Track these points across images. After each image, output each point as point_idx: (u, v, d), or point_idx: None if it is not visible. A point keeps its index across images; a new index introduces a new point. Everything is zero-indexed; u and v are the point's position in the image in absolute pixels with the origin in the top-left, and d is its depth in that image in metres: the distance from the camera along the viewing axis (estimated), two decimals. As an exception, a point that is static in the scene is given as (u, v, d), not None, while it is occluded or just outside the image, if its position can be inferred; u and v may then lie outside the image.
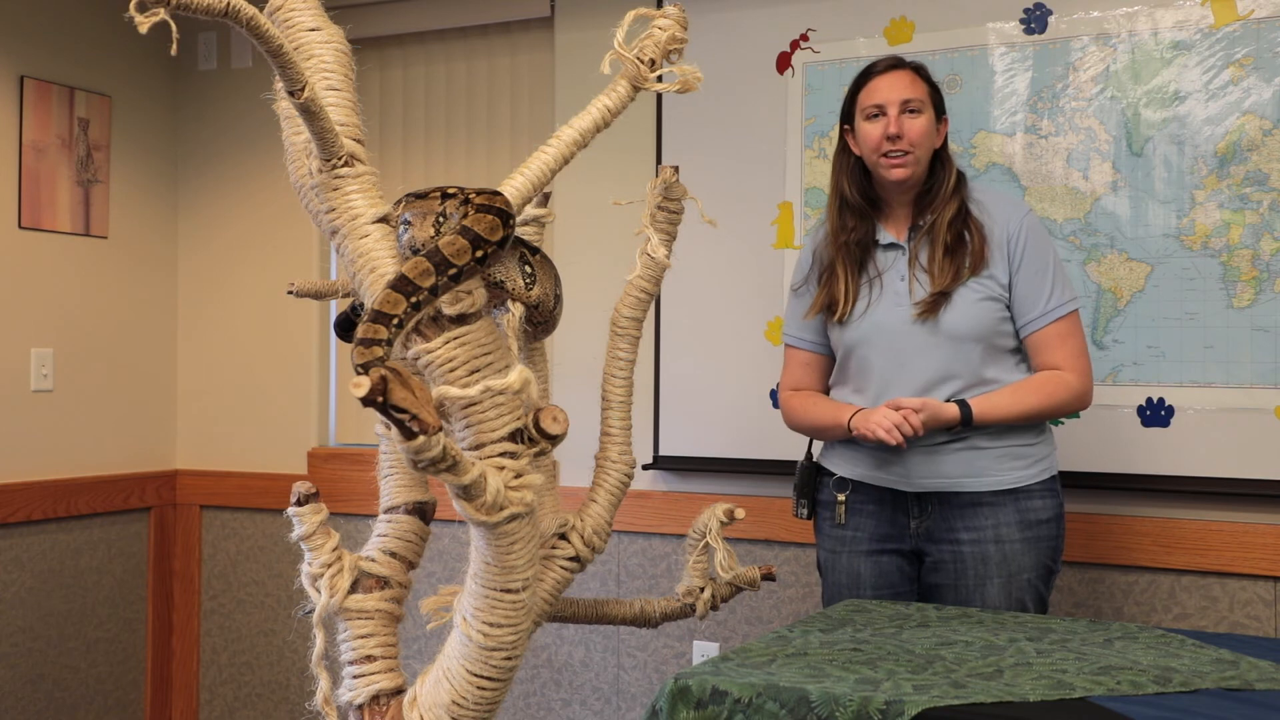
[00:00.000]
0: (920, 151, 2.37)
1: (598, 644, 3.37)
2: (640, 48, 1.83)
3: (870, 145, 2.39)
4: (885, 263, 2.42)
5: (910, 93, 2.37)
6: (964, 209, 2.39)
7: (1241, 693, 1.58)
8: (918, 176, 2.39)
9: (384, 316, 1.56)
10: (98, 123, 3.69)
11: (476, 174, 3.58)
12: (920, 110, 2.37)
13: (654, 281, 2.08)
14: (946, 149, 2.44)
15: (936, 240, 2.36)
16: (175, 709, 3.92)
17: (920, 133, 2.36)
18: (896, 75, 2.39)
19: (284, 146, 1.84)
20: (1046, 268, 2.37)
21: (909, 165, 2.36)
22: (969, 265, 2.35)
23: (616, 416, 2.05)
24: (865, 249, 2.43)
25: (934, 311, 2.34)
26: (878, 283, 2.41)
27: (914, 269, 2.38)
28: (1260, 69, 2.71)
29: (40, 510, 3.50)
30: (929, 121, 2.38)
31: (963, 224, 2.38)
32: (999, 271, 2.36)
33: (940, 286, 2.34)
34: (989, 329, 2.35)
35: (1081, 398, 2.38)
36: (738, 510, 2.20)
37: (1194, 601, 2.79)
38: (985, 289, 2.35)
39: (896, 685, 1.57)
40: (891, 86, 2.38)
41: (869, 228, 2.43)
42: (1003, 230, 2.37)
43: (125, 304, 3.80)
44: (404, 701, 1.78)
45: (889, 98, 2.37)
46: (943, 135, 2.43)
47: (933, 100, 2.41)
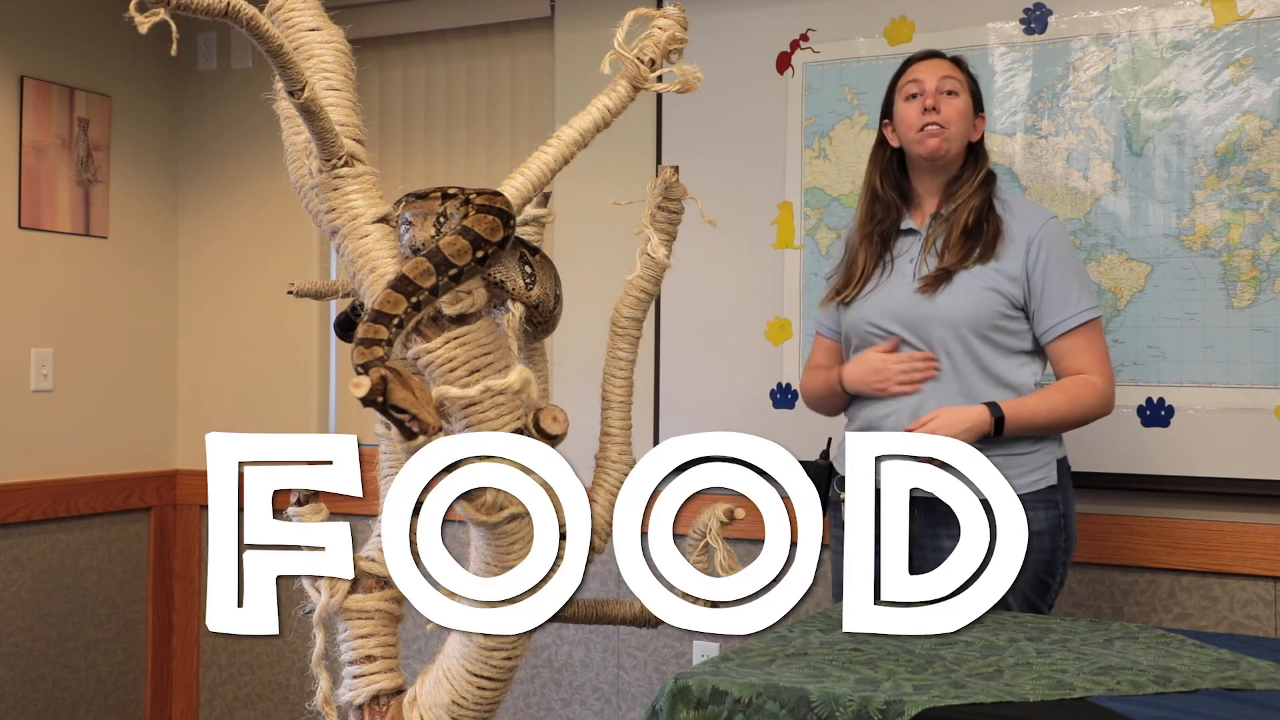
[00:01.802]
0: (954, 130, 2.39)
1: (598, 644, 3.37)
2: (640, 48, 1.82)
3: (908, 122, 2.42)
4: (901, 247, 2.45)
5: (948, 72, 2.42)
6: (988, 203, 2.40)
7: (1241, 693, 1.58)
8: (949, 158, 2.41)
9: (384, 316, 1.56)
10: (98, 123, 3.69)
11: (476, 174, 3.58)
12: (957, 93, 2.41)
13: (654, 281, 2.08)
14: (983, 144, 2.46)
15: (955, 226, 2.38)
16: (175, 709, 3.92)
17: (957, 111, 2.39)
18: (936, 61, 2.45)
19: (284, 146, 1.84)
20: (1070, 273, 2.36)
21: (943, 139, 2.38)
22: (979, 253, 2.35)
23: (616, 416, 2.04)
24: (887, 236, 2.46)
25: (934, 287, 2.35)
26: (890, 265, 2.44)
27: (926, 252, 2.40)
28: (1260, 69, 2.71)
29: (40, 510, 3.50)
30: (966, 105, 2.41)
31: (983, 215, 2.39)
32: (1010, 266, 2.35)
33: (946, 264, 2.35)
34: (985, 320, 2.34)
35: (1107, 402, 2.37)
36: (738, 510, 2.20)
37: (1194, 601, 2.79)
38: (990, 279, 2.34)
39: (896, 685, 1.57)
40: (930, 68, 2.43)
41: (896, 218, 2.46)
42: (1024, 230, 2.37)
43: (125, 304, 3.80)
44: (404, 701, 1.78)
45: (927, 76, 2.41)
46: (980, 130, 2.45)
47: (971, 91, 2.45)
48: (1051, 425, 2.34)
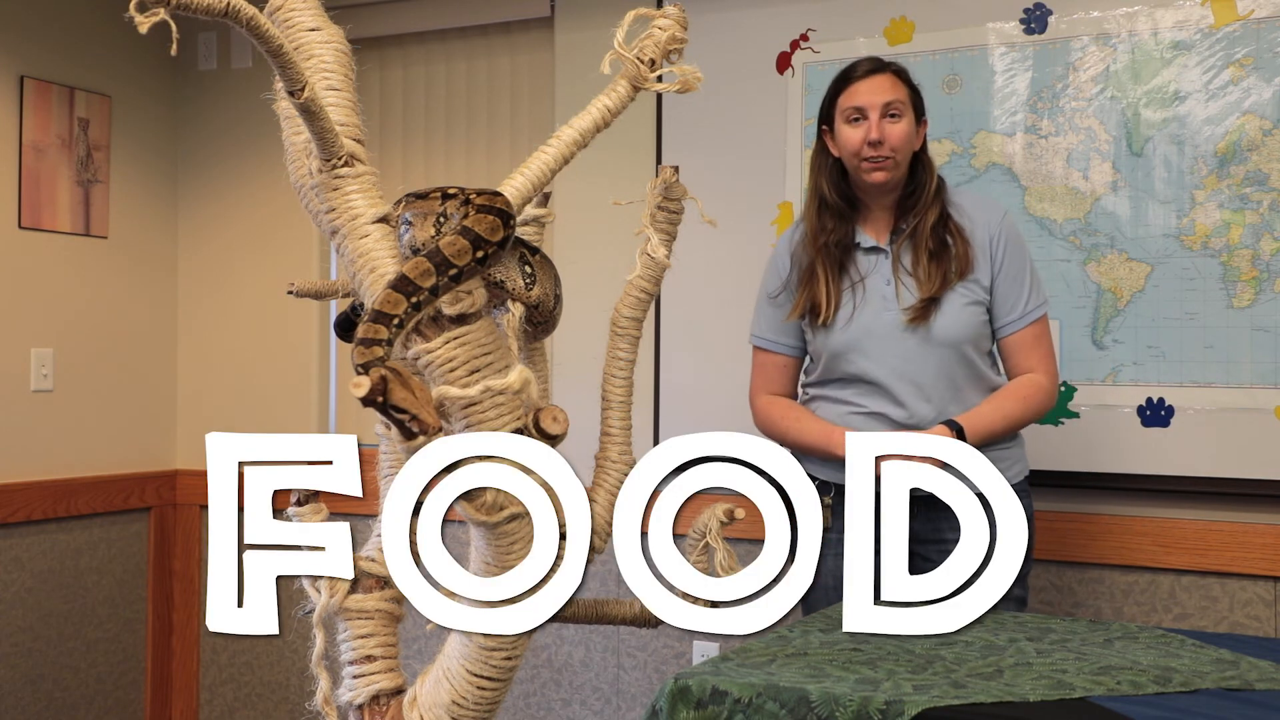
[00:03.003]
0: (900, 156, 2.36)
1: (598, 644, 3.37)
2: (640, 48, 1.82)
3: (850, 149, 2.37)
4: (867, 266, 2.41)
5: (891, 95, 2.35)
6: (944, 213, 2.39)
7: (1241, 693, 1.58)
8: (897, 180, 2.39)
9: (384, 316, 1.56)
10: (98, 123, 3.69)
11: (476, 174, 3.58)
12: (901, 114, 2.36)
13: (654, 281, 2.07)
14: (926, 151, 2.43)
15: (920, 245, 2.36)
16: (175, 709, 3.92)
17: (901, 137, 2.35)
18: (878, 79, 2.37)
19: (284, 146, 1.84)
20: (1024, 270, 2.39)
21: (889, 170, 2.36)
22: (955, 270, 2.35)
23: (616, 416, 2.04)
24: (845, 251, 2.41)
25: (924, 318, 2.34)
26: (861, 287, 2.39)
27: (898, 273, 2.38)
28: (1260, 69, 2.71)
29: (40, 510, 3.50)
30: (909, 125, 2.37)
31: (945, 229, 2.38)
32: (982, 275, 2.37)
33: (929, 293, 2.34)
34: (976, 332, 2.37)
35: (1052, 399, 2.40)
36: (738, 510, 2.20)
37: (1194, 601, 2.79)
38: (971, 293, 2.36)
39: (896, 685, 1.57)
40: (873, 90, 2.35)
41: (848, 229, 2.41)
42: (984, 232, 2.38)
43: (125, 304, 3.80)
44: (404, 701, 1.78)
45: (870, 101, 2.35)
46: (922, 137, 2.42)
47: (913, 103, 2.39)
48: (1006, 430, 2.36)
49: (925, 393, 2.35)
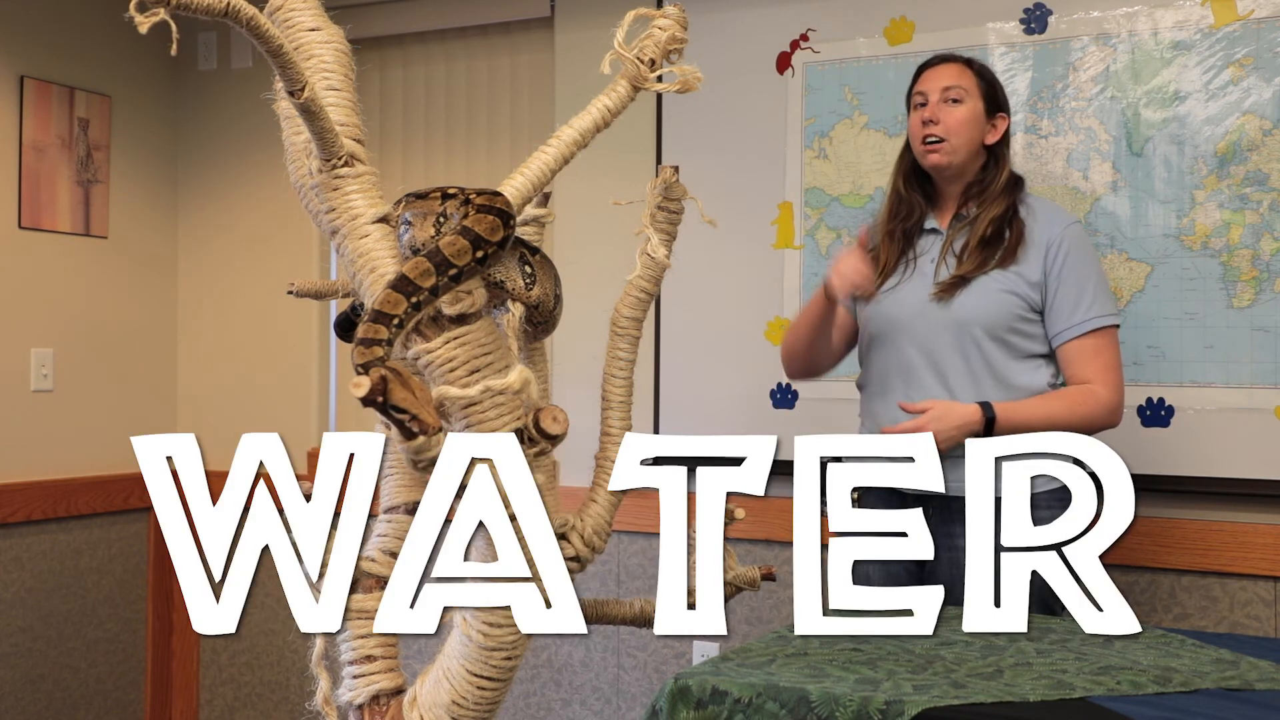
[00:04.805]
0: (956, 140, 2.38)
1: (598, 644, 3.37)
2: (640, 48, 1.82)
3: (911, 132, 2.44)
4: (924, 247, 2.45)
5: (952, 80, 2.40)
6: (1012, 209, 2.39)
7: (1241, 693, 1.58)
8: (957, 166, 2.40)
9: (384, 316, 1.56)
10: (98, 123, 3.69)
11: (476, 174, 3.58)
12: (962, 100, 2.39)
13: (654, 281, 2.07)
14: (1004, 146, 2.44)
15: (975, 231, 2.38)
16: (175, 709, 3.92)
17: (957, 121, 2.38)
18: (944, 67, 2.43)
19: (284, 146, 1.84)
20: (1087, 279, 2.35)
21: (943, 153, 2.38)
22: (999, 259, 2.35)
23: (616, 416, 2.04)
24: (910, 235, 2.46)
25: (950, 293, 2.35)
26: (912, 264, 2.44)
27: (945, 254, 2.40)
28: (1260, 69, 2.71)
29: (40, 510, 3.50)
30: (971, 112, 2.39)
31: (1006, 222, 2.38)
32: (1029, 270, 2.35)
33: (963, 271, 2.35)
34: (1001, 322, 2.34)
35: (1112, 413, 2.34)
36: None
37: (1194, 601, 2.79)
38: (1008, 282, 2.34)
39: (896, 685, 1.57)
40: (937, 76, 2.42)
41: (920, 216, 2.46)
42: (1044, 233, 2.37)
43: (125, 304, 3.80)
44: (404, 701, 1.78)
45: (931, 85, 2.41)
46: (999, 131, 2.43)
47: (984, 93, 2.42)
48: (1046, 430, 2.32)
49: (945, 379, 2.35)
